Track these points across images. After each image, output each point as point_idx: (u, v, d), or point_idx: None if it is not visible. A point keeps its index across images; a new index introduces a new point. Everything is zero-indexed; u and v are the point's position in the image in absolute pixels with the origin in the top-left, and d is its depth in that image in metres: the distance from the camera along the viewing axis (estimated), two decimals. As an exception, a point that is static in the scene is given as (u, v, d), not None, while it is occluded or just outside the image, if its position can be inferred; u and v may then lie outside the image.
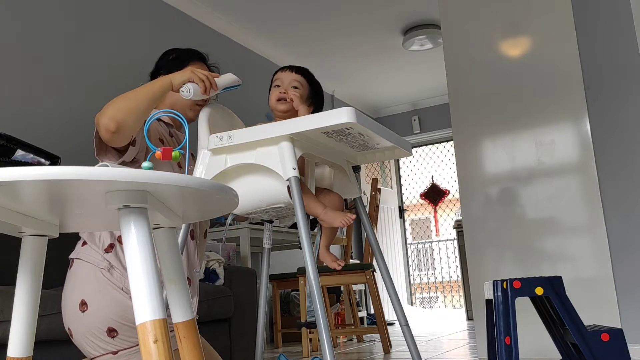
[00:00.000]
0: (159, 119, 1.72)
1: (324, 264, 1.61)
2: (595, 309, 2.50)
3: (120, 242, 1.55)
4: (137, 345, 1.49)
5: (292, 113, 1.57)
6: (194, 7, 3.95)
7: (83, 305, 1.48)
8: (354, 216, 1.47)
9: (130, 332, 1.47)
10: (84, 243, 1.57)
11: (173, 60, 1.80)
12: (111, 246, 1.54)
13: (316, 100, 1.65)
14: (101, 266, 1.51)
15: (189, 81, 1.50)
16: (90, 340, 1.48)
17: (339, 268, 1.57)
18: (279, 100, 1.58)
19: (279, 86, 1.60)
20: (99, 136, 1.47)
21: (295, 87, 1.59)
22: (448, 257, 9.21)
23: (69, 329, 1.53)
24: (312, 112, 1.62)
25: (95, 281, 1.50)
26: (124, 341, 1.48)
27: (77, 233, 1.61)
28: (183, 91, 1.50)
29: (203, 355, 0.99)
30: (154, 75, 1.80)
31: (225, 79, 1.59)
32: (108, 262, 1.52)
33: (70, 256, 1.59)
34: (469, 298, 5.22)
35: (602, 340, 1.44)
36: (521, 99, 2.81)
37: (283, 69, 1.64)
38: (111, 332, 1.47)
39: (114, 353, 1.48)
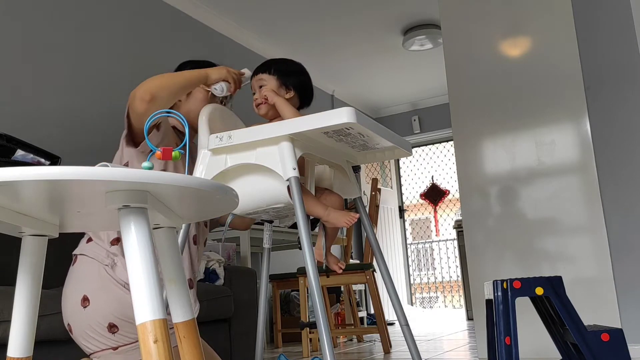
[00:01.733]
0: (174, 127, 1.76)
1: (325, 265, 1.61)
2: (595, 309, 2.50)
3: None
4: (137, 341, 1.49)
5: (275, 111, 1.58)
6: (194, 8, 3.95)
7: (85, 300, 1.49)
8: (357, 215, 1.47)
9: (131, 328, 1.48)
10: (89, 240, 1.59)
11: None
12: (117, 239, 1.56)
13: (291, 81, 1.62)
14: (105, 263, 1.52)
15: (224, 80, 1.62)
16: (90, 335, 1.49)
17: (339, 271, 1.57)
18: (256, 107, 1.61)
19: (254, 93, 1.64)
20: (129, 123, 1.53)
21: (261, 87, 1.60)
22: (448, 257, 9.21)
23: (68, 324, 1.53)
24: (296, 95, 1.62)
25: (98, 277, 1.51)
26: (124, 337, 1.48)
27: (78, 233, 1.62)
28: (216, 88, 1.62)
29: (203, 355, 0.99)
30: None
31: (245, 76, 1.71)
32: (112, 258, 1.53)
33: (74, 252, 1.60)
34: (469, 298, 5.22)
35: (602, 340, 1.44)
36: (521, 99, 2.81)
37: (251, 76, 1.68)
38: (112, 327, 1.47)
39: (114, 349, 1.49)
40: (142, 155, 1.58)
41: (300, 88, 1.63)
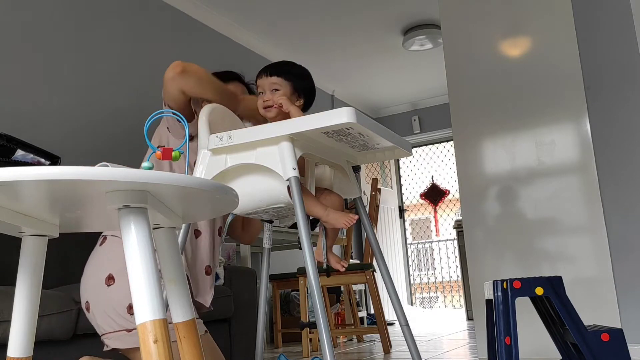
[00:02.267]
0: None
1: (326, 265, 1.61)
2: (595, 309, 2.50)
3: None
4: None
5: (284, 116, 1.56)
6: (194, 8, 3.95)
7: (110, 279, 1.51)
8: (357, 217, 1.47)
9: None
10: None
11: None
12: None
13: (302, 87, 1.61)
14: None
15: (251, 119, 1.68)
16: (107, 315, 1.51)
17: (342, 269, 1.56)
18: (265, 108, 1.58)
19: (262, 93, 1.59)
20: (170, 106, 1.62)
21: (275, 90, 1.57)
22: (448, 257, 9.21)
23: (87, 302, 1.55)
24: (304, 101, 1.62)
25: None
26: None
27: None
28: (246, 125, 1.68)
29: (203, 355, 0.99)
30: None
31: None
32: None
33: (104, 233, 1.63)
34: (469, 298, 5.22)
35: (602, 340, 1.44)
36: (521, 99, 2.80)
37: (260, 74, 1.62)
38: (131, 309, 1.49)
39: (128, 331, 1.50)
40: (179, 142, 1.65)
41: (308, 95, 1.64)
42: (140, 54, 3.51)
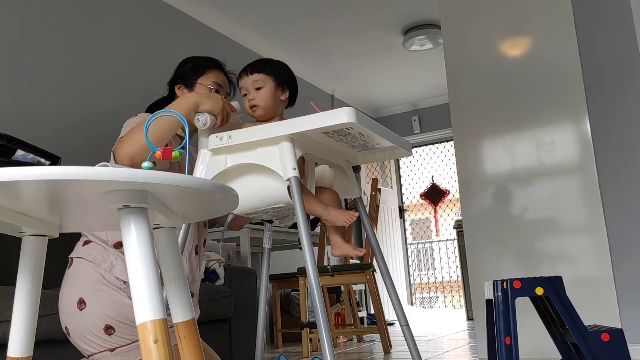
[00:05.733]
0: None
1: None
2: (595, 309, 2.50)
3: None
4: (134, 342, 1.51)
5: (271, 115, 1.58)
6: (194, 7, 3.95)
7: (81, 303, 1.49)
8: (356, 214, 1.47)
9: (127, 329, 1.49)
10: (86, 242, 1.59)
11: (191, 69, 1.79)
12: (121, 243, 1.56)
13: (285, 79, 1.61)
14: (103, 267, 1.53)
15: (213, 113, 1.49)
16: (87, 338, 1.50)
17: (361, 254, 1.53)
18: (251, 107, 1.58)
19: (245, 94, 1.59)
20: None
21: (258, 89, 1.57)
22: (448, 257, 9.20)
23: (66, 327, 1.54)
24: (289, 93, 1.62)
25: (94, 280, 1.51)
26: (121, 338, 1.49)
27: (78, 233, 1.63)
28: (199, 119, 1.47)
29: (203, 355, 0.99)
30: (172, 83, 1.81)
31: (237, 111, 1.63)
32: (112, 260, 1.53)
33: (70, 256, 1.60)
34: (469, 298, 5.22)
35: (602, 340, 1.44)
36: (521, 99, 2.80)
37: (240, 75, 1.61)
38: (108, 329, 1.48)
39: (111, 350, 1.50)
40: None
41: (292, 86, 1.64)
42: (140, 53, 3.51)
